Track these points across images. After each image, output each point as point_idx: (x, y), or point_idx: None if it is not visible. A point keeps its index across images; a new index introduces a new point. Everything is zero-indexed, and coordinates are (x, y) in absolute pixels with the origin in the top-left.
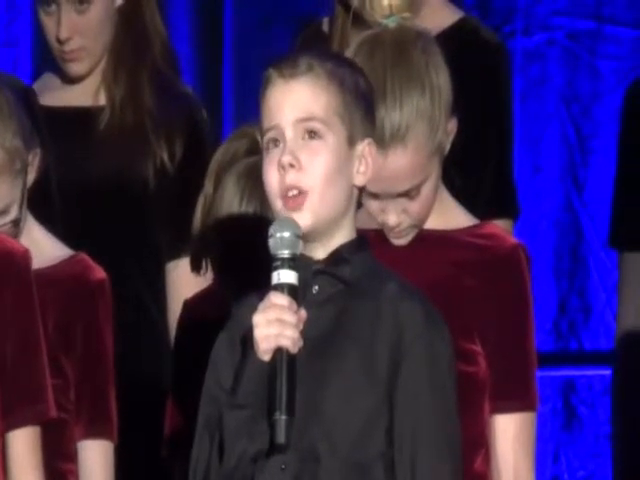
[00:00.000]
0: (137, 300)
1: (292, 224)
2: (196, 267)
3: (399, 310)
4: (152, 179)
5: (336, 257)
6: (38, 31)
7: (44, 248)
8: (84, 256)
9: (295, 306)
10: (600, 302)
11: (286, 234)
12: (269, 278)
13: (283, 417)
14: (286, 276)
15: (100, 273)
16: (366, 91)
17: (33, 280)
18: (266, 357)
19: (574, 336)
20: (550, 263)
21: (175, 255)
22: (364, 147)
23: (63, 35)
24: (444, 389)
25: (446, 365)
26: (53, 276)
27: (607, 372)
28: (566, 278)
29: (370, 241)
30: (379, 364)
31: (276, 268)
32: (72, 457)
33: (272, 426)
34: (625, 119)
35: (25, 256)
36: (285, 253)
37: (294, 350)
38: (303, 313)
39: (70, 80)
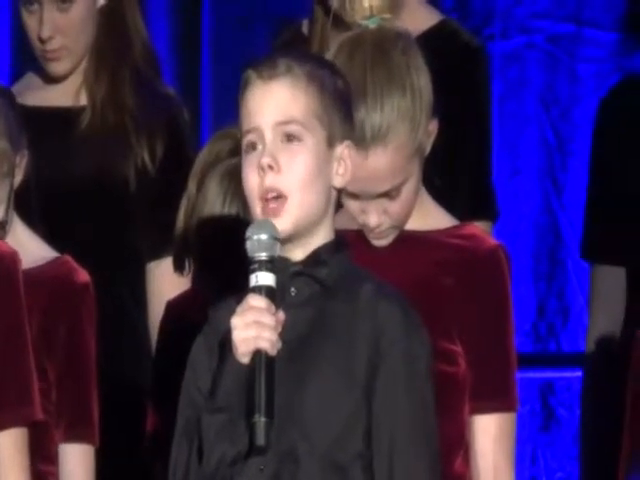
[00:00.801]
0: (118, 300)
1: (269, 226)
2: (179, 267)
3: (377, 312)
4: (133, 179)
5: (314, 259)
6: (17, 32)
7: (29, 249)
8: (68, 258)
9: (273, 308)
10: (578, 304)
11: (263, 236)
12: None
13: (263, 419)
14: (264, 278)
15: (84, 276)
16: (345, 92)
17: (22, 282)
18: (245, 360)
19: (553, 338)
20: (529, 265)
21: (156, 255)
22: (343, 149)
23: (45, 34)
24: (422, 391)
25: (424, 367)
26: (37, 277)
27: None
28: (545, 280)
29: (350, 242)
30: (357, 366)
31: (254, 270)
32: (53, 459)
33: (252, 428)
34: (597, 132)
35: (13, 258)
36: (262, 255)
37: (273, 352)
38: (281, 315)
39: (51, 80)
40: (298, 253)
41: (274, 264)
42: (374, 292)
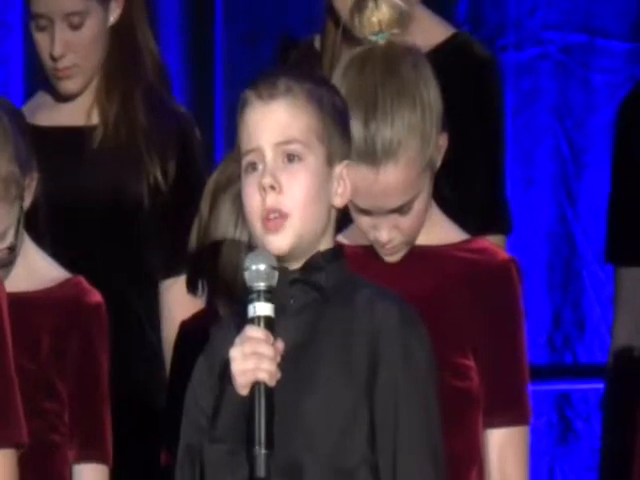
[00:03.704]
0: (131, 319)
1: (267, 256)
2: (192, 289)
3: (374, 313)
4: (146, 197)
5: (311, 265)
6: (30, 50)
7: (40, 270)
8: (81, 279)
9: (271, 338)
10: (594, 315)
11: (262, 266)
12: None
13: (263, 451)
14: (262, 309)
15: (96, 296)
16: (343, 111)
17: (3, 305)
18: (244, 391)
19: (569, 349)
20: (544, 276)
21: (170, 273)
22: (342, 169)
23: (57, 52)
24: (423, 391)
25: (424, 367)
26: (49, 299)
27: (602, 385)
28: (560, 291)
29: (360, 257)
30: (357, 369)
31: (252, 301)
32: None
33: (252, 461)
34: (619, 132)
35: None
36: (261, 286)
37: (272, 383)
38: (280, 345)
39: (62, 99)
40: (296, 265)
41: (272, 294)
42: (371, 295)
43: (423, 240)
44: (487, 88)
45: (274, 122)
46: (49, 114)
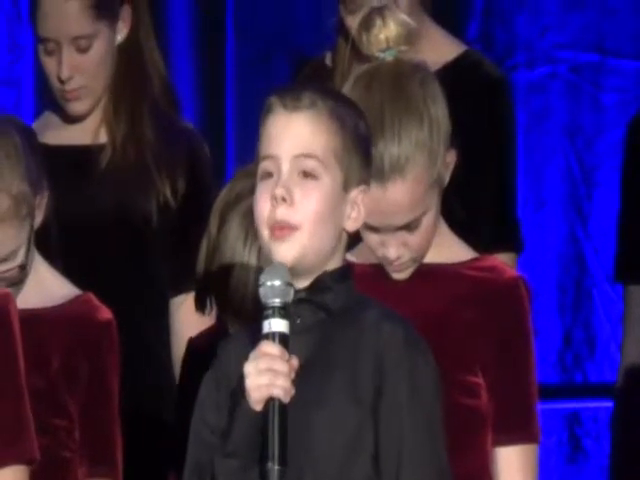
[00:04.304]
0: (141, 336)
1: (283, 272)
2: (201, 307)
3: (380, 334)
4: (154, 215)
5: (318, 285)
6: (40, 71)
7: (51, 287)
8: (91, 296)
9: (287, 355)
10: (605, 334)
11: (277, 283)
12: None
13: (276, 467)
14: (277, 325)
15: (107, 313)
16: (366, 135)
17: (16, 323)
18: (258, 407)
19: (579, 368)
20: (554, 296)
21: (179, 290)
22: (357, 194)
23: (65, 74)
24: (427, 412)
25: (430, 393)
26: (59, 316)
27: (612, 404)
28: (570, 311)
29: (368, 275)
30: (362, 389)
31: (267, 317)
32: None
33: (265, 476)
34: (628, 152)
35: (6, 299)
36: (276, 302)
37: (286, 400)
38: (295, 361)
39: (71, 119)
40: (304, 284)
41: (287, 310)
42: (377, 316)
43: (432, 258)
44: (498, 106)
45: (294, 135)
46: (57, 133)
